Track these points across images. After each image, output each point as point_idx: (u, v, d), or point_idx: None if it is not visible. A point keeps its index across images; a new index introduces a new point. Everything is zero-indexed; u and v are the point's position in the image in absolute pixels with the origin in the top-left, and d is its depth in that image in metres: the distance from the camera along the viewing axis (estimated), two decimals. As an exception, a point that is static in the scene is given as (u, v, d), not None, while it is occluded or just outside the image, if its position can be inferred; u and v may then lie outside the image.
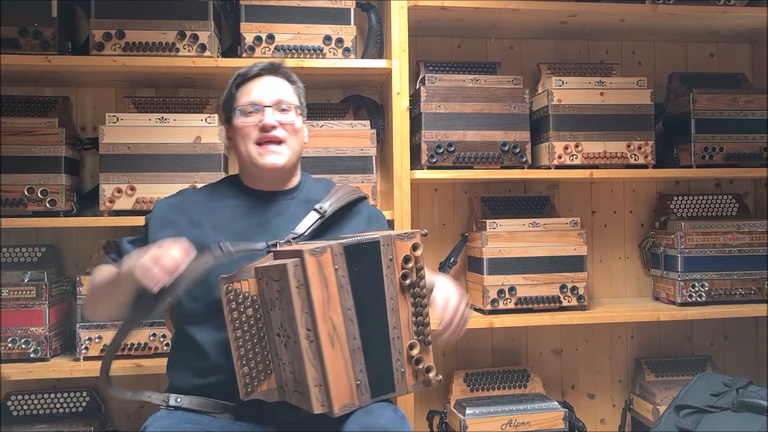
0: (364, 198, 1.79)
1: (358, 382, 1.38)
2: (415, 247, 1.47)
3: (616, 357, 2.82)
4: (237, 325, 1.47)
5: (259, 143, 1.63)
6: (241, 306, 1.46)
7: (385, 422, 1.43)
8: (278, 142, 1.64)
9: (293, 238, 1.58)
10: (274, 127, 1.63)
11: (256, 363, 1.46)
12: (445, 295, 1.55)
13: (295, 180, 1.75)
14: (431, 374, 1.46)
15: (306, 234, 1.61)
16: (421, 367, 1.45)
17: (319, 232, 1.65)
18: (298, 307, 1.35)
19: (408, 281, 1.45)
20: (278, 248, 1.52)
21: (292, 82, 1.73)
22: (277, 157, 1.63)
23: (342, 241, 1.41)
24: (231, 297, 1.46)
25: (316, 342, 1.35)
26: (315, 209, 1.65)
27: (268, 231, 1.63)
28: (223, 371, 1.55)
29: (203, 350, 1.58)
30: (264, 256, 1.52)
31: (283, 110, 1.66)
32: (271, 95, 1.65)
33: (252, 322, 1.46)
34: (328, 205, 1.66)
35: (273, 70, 1.69)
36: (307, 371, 1.34)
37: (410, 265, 1.46)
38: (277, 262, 1.41)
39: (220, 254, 1.48)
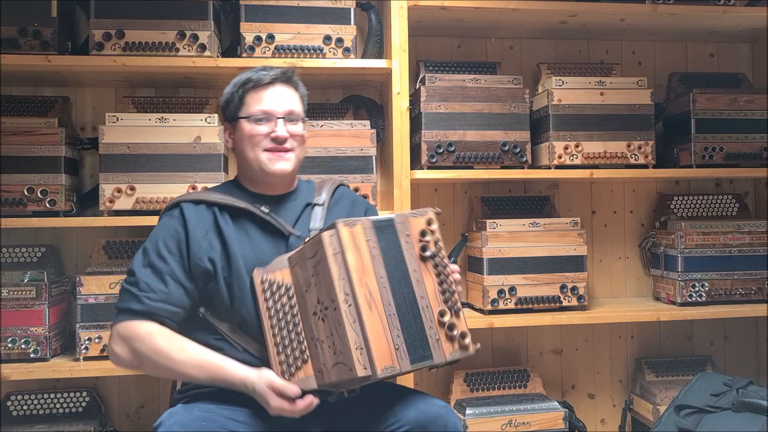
0: (341, 184, 1.88)
1: (397, 346, 1.41)
2: (429, 222, 1.54)
3: (616, 357, 2.81)
4: (272, 313, 1.54)
5: (267, 150, 1.67)
6: (276, 295, 1.53)
7: (439, 409, 1.53)
8: (287, 150, 1.69)
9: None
10: (285, 139, 1.67)
11: (293, 350, 1.50)
12: None
13: (294, 182, 1.80)
14: (467, 340, 1.49)
15: (324, 226, 1.68)
16: (455, 333, 1.49)
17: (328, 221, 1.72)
18: (336, 274, 1.41)
19: (428, 253, 1.51)
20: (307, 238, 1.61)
21: (298, 89, 1.76)
22: (285, 163, 1.68)
23: (369, 217, 1.50)
24: (266, 287, 1.54)
25: (355, 305, 1.39)
26: (316, 204, 1.74)
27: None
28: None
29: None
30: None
31: (292, 120, 1.70)
32: (283, 106, 1.68)
33: (287, 310, 1.52)
34: (324, 196, 1.77)
35: (285, 79, 1.71)
36: (348, 335, 1.38)
37: (427, 238, 1.52)
38: (312, 239, 1.48)
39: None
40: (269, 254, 1.62)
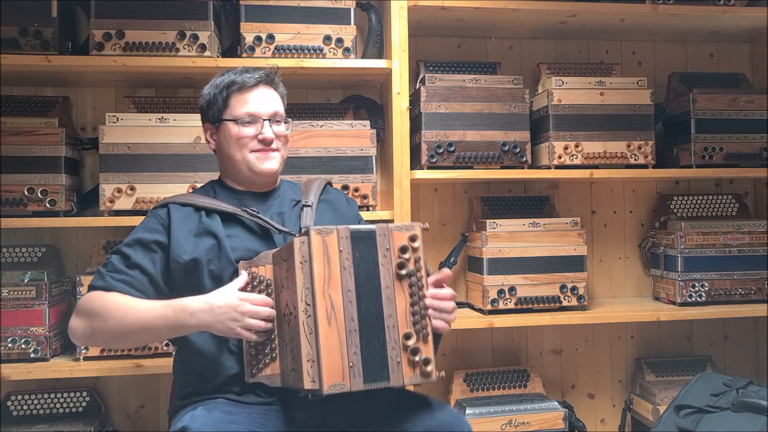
0: (328, 183, 1.91)
1: (351, 365, 1.39)
2: (413, 239, 1.49)
3: (616, 357, 2.82)
4: None
5: (255, 151, 1.71)
6: (257, 289, 1.52)
7: (454, 417, 1.53)
8: (273, 150, 1.73)
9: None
10: (272, 140, 1.71)
11: (263, 345, 1.49)
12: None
13: (278, 181, 1.83)
14: (429, 367, 1.45)
15: (312, 225, 1.70)
16: (417, 358, 1.45)
17: (317, 221, 1.74)
18: (300, 282, 1.40)
19: (404, 271, 1.48)
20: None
21: (278, 89, 1.78)
22: (272, 162, 1.72)
23: (349, 226, 1.47)
24: (250, 279, 1.53)
25: (314, 317, 1.39)
26: (305, 204, 1.76)
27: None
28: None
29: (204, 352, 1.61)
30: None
31: (277, 121, 1.73)
32: (267, 107, 1.71)
33: None
34: (312, 197, 1.79)
35: (269, 80, 1.74)
36: (302, 346, 1.38)
37: (407, 255, 1.48)
38: (288, 243, 1.48)
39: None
40: (259, 248, 1.64)
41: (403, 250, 1.48)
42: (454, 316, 1.56)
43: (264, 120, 1.70)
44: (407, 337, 1.45)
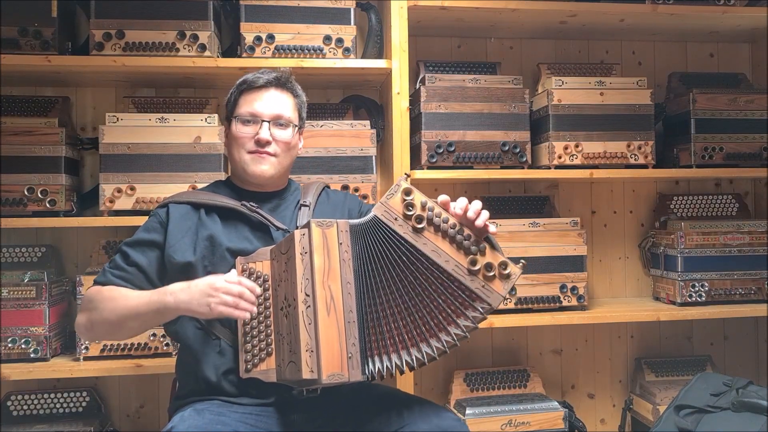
0: (326, 186, 1.91)
1: (350, 355, 1.41)
2: (406, 192, 1.49)
3: (616, 357, 2.82)
4: None
5: (250, 152, 1.70)
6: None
7: (453, 422, 1.51)
8: (270, 154, 1.70)
9: None
10: (268, 143, 1.69)
11: (260, 341, 1.51)
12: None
13: (286, 182, 1.83)
14: (508, 269, 1.46)
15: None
16: (493, 273, 1.47)
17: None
18: (300, 273, 1.42)
19: (421, 225, 1.47)
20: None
21: (296, 95, 1.77)
22: (266, 166, 1.70)
23: (349, 221, 1.49)
24: (246, 275, 1.55)
25: (313, 307, 1.40)
26: (303, 204, 1.77)
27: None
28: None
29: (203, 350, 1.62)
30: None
31: (280, 125, 1.71)
32: (271, 109, 1.70)
33: (260, 301, 1.53)
34: (310, 198, 1.79)
35: (279, 83, 1.73)
36: (301, 336, 1.39)
37: (411, 212, 1.48)
38: (287, 236, 1.50)
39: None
40: (258, 247, 1.63)
41: (408, 207, 1.48)
42: (487, 213, 1.52)
43: (264, 121, 1.69)
44: (473, 263, 1.45)
